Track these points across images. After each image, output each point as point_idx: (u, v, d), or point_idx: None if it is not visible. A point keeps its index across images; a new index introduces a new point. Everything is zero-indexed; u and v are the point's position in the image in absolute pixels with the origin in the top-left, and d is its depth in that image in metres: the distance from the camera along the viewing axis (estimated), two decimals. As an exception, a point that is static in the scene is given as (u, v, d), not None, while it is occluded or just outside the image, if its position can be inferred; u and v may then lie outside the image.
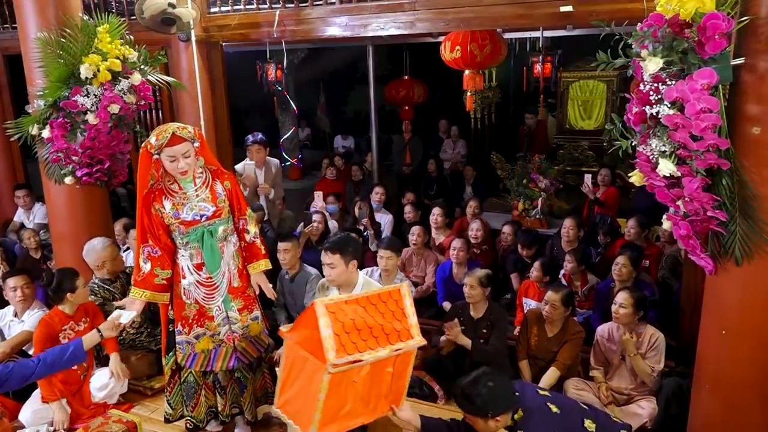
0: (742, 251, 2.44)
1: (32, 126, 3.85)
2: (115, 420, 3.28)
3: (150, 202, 3.06)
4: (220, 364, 3.22)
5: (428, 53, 8.43)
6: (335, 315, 2.39)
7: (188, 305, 3.16)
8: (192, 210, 3.05)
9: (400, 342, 2.55)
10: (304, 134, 13.14)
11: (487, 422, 2.55)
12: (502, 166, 7.54)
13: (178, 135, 2.93)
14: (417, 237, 5.47)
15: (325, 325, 2.35)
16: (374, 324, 2.49)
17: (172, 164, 2.96)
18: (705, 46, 2.24)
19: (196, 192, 3.07)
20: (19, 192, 6.46)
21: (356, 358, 2.40)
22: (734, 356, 2.65)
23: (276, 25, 4.79)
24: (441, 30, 5.15)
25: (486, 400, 2.54)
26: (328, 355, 2.32)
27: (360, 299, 2.51)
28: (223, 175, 3.19)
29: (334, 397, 2.45)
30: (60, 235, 4.25)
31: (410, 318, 2.63)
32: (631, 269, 4.42)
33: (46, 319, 3.61)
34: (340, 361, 2.35)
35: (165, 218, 3.06)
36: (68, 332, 3.62)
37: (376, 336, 2.49)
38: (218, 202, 3.11)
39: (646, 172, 2.54)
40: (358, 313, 2.46)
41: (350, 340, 2.41)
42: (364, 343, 2.45)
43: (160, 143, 2.91)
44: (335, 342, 2.35)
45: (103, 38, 3.70)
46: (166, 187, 3.07)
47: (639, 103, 2.45)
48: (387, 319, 2.54)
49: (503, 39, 6.22)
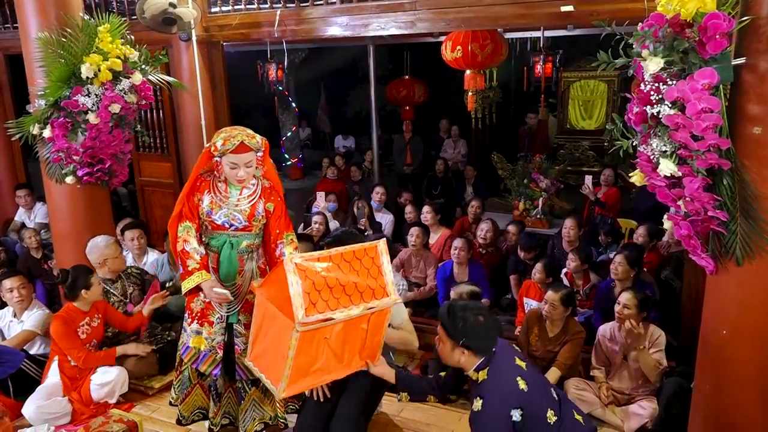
0: (743, 251, 2.43)
1: (33, 125, 3.85)
2: (116, 419, 3.28)
3: (195, 189, 2.99)
4: (205, 367, 3.14)
5: (429, 53, 8.44)
6: (305, 273, 2.34)
7: (197, 299, 3.11)
8: (225, 216, 2.98)
9: (374, 300, 2.51)
10: (304, 134, 13.14)
11: (454, 349, 2.47)
12: (503, 165, 7.55)
13: (245, 144, 2.84)
14: (416, 238, 5.46)
15: (294, 283, 2.30)
16: (347, 282, 2.44)
17: (232, 171, 2.88)
18: (706, 45, 2.23)
19: (237, 201, 2.99)
20: (20, 191, 6.47)
21: (327, 317, 2.36)
22: (735, 356, 2.65)
23: (277, 25, 4.79)
24: (441, 30, 5.15)
25: (466, 327, 2.44)
26: (297, 313, 2.28)
27: (334, 256, 2.45)
28: (270, 196, 3.07)
29: (305, 354, 2.41)
30: (61, 235, 4.25)
31: (386, 275, 2.58)
32: (628, 268, 4.42)
33: (62, 315, 3.62)
34: (310, 320, 2.31)
35: (199, 210, 3.00)
36: (85, 327, 3.66)
37: (349, 294, 2.44)
38: (253, 221, 3.02)
39: (647, 172, 2.54)
40: (330, 271, 2.40)
41: (321, 298, 2.36)
42: (336, 300, 2.40)
43: (226, 149, 2.82)
44: (304, 300, 2.31)
45: (104, 38, 3.70)
46: (214, 183, 3.00)
47: (640, 103, 2.45)
48: (362, 277, 2.49)
49: (504, 39, 6.22)
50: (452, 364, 2.53)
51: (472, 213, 6.25)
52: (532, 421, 2.37)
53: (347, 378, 3.00)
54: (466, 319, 2.45)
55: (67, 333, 3.56)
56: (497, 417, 2.34)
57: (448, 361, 2.53)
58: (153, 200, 6.18)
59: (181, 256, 2.96)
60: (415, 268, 5.57)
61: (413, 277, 5.56)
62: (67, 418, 3.56)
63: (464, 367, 2.50)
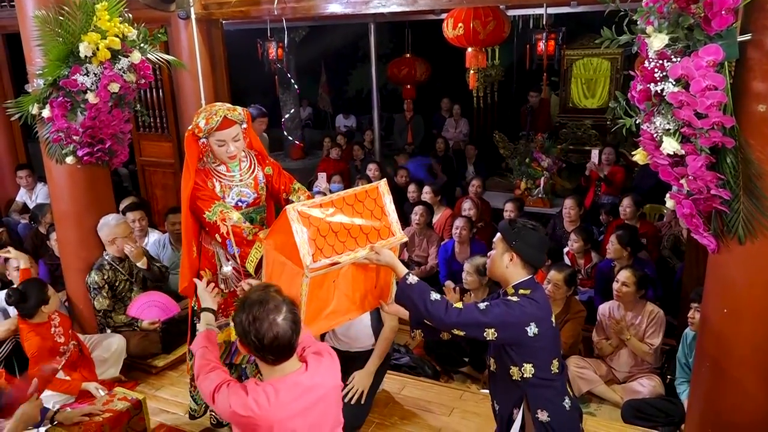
0: (746, 230, 2.43)
1: (32, 105, 3.82)
2: (120, 397, 3.31)
3: (204, 176, 2.90)
4: (240, 358, 3.11)
5: (431, 31, 8.34)
6: (309, 220, 2.35)
7: (216, 293, 2.99)
8: (237, 195, 2.95)
9: (380, 240, 2.52)
10: (305, 113, 13.08)
11: (504, 254, 2.41)
12: (505, 145, 7.52)
13: (229, 118, 2.78)
14: (420, 216, 5.47)
15: (299, 231, 2.30)
16: (351, 225, 2.45)
17: (221, 149, 2.82)
18: (711, 21, 2.20)
19: (240, 176, 2.96)
20: (20, 172, 6.46)
21: (334, 261, 2.37)
22: (735, 335, 2.66)
23: (276, 2, 4.72)
24: (443, 7, 5.08)
25: (521, 232, 2.39)
26: (305, 260, 2.29)
27: (336, 201, 2.46)
28: (265, 161, 3.06)
29: (316, 299, 2.43)
30: (62, 215, 4.25)
31: (390, 215, 2.59)
32: (620, 248, 4.44)
33: (32, 337, 3.48)
34: (317, 265, 2.33)
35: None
36: (56, 330, 3.59)
37: (354, 236, 2.45)
38: (259, 189, 3.01)
39: (650, 151, 2.52)
40: (334, 215, 2.41)
41: (327, 243, 2.37)
42: (342, 244, 2.41)
43: (210, 127, 2.76)
44: (310, 246, 2.31)
45: (102, 16, 3.65)
46: (213, 169, 2.93)
47: (643, 81, 2.42)
48: (366, 219, 2.50)
49: (506, 16, 6.14)
50: (497, 274, 2.46)
51: (473, 192, 6.25)
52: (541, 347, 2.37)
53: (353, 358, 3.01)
54: (524, 226, 2.43)
55: (43, 353, 3.44)
56: (518, 314, 2.32)
57: (494, 271, 2.48)
58: (154, 180, 6.17)
59: (233, 235, 2.73)
60: (417, 247, 5.59)
61: (415, 256, 5.57)
62: (69, 397, 3.59)
63: (507, 278, 2.43)
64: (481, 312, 2.32)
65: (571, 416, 2.47)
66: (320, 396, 1.97)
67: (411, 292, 2.38)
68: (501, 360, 2.44)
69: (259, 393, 1.87)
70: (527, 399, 2.40)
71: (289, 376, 1.92)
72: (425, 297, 2.35)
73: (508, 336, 2.33)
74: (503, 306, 2.33)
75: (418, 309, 2.37)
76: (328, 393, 2.01)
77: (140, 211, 5.04)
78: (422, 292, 2.36)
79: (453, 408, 3.58)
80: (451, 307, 2.34)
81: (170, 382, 3.98)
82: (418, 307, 2.36)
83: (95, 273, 4.01)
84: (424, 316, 2.39)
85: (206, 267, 3.08)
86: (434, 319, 2.36)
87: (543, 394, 2.40)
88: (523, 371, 2.37)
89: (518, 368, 2.38)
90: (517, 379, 2.39)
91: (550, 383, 2.40)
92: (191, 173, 2.90)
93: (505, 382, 2.45)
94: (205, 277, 3.03)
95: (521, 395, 2.41)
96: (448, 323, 2.33)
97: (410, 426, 3.45)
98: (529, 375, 2.37)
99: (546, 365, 2.39)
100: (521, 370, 2.37)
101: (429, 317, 2.37)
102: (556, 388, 2.43)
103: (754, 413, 2.70)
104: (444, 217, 5.91)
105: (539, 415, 2.38)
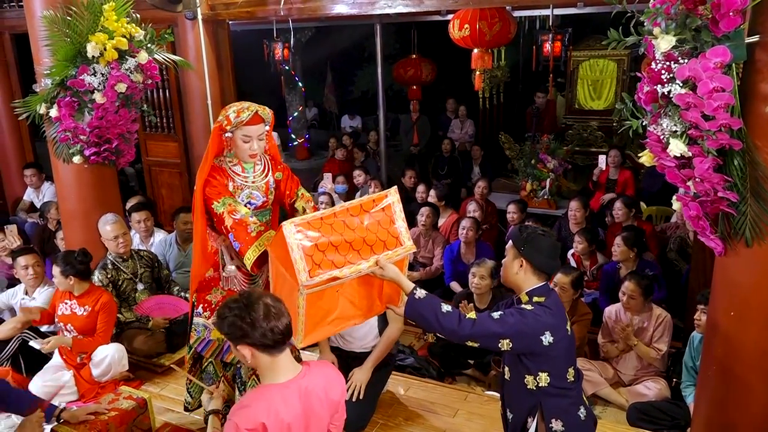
0: (753, 232, 2.41)
1: (40, 105, 3.84)
2: (125, 396, 3.33)
3: (220, 173, 2.87)
4: (231, 357, 3.09)
5: (437, 32, 8.35)
6: (306, 235, 2.28)
7: (215, 290, 3.04)
8: (247, 197, 2.93)
9: (387, 251, 2.44)
10: (311, 114, 13.09)
11: (514, 260, 2.39)
12: (511, 146, 7.50)
13: (259, 115, 2.79)
14: (426, 217, 5.47)
15: (294, 247, 2.25)
16: (354, 238, 2.37)
17: (245, 145, 2.80)
18: (719, 23, 2.19)
19: (254, 179, 2.95)
20: (28, 171, 6.50)
21: (333, 276, 2.31)
22: (742, 338, 2.64)
23: (283, 3, 4.74)
24: (449, 7, 5.07)
25: (529, 238, 2.36)
26: (300, 277, 2.24)
27: (338, 213, 2.39)
28: (277, 165, 3.05)
29: (316, 309, 2.39)
30: (69, 215, 4.28)
31: (398, 223, 2.51)
32: (627, 249, 4.44)
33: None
34: (314, 282, 2.27)
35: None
36: (64, 307, 3.69)
37: (357, 249, 2.37)
38: (268, 194, 3.00)
39: (657, 153, 2.51)
40: (335, 229, 2.34)
41: (326, 258, 2.30)
42: (343, 258, 2.34)
43: (240, 120, 2.74)
44: (306, 263, 2.26)
45: (109, 16, 3.67)
46: (229, 168, 2.91)
47: (650, 82, 2.41)
48: (371, 230, 2.42)
49: (512, 17, 6.13)
50: (510, 281, 2.44)
51: (479, 193, 6.24)
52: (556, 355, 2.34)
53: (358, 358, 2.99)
54: (533, 231, 2.40)
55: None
56: (533, 323, 2.28)
57: (507, 278, 2.45)
58: (160, 180, 6.20)
59: (236, 229, 2.72)
60: (423, 248, 5.58)
61: (421, 257, 5.57)
62: (74, 395, 3.61)
63: (520, 285, 2.41)
64: (495, 322, 2.28)
65: (586, 426, 2.44)
66: (316, 402, 1.99)
67: (420, 308, 2.33)
68: (516, 369, 2.41)
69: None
70: (542, 408, 2.37)
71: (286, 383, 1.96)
72: (436, 310, 2.30)
73: (522, 346, 2.30)
74: (518, 315, 2.29)
75: (430, 324, 2.32)
76: (322, 401, 2.03)
77: (146, 212, 5.04)
78: (432, 306, 2.31)
79: (457, 409, 3.58)
80: (464, 318, 2.29)
81: (175, 381, 3.99)
82: (429, 322, 2.32)
83: (98, 272, 4.02)
84: (437, 330, 2.35)
85: (210, 265, 3.07)
86: (446, 332, 2.31)
87: (558, 403, 2.37)
88: (538, 380, 2.35)
89: (533, 377, 2.35)
90: (532, 388, 2.36)
91: (565, 392, 2.38)
92: (207, 166, 2.89)
93: (519, 390, 2.42)
94: (208, 275, 3.04)
95: (536, 404, 2.39)
96: (462, 335, 2.28)
97: (414, 427, 3.45)
98: (545, 384, 2.34)
99: (561, 374, 2.37)
100: (536, 379, 2.35)
101: (441, 331, 2.32)
102: (572, 397, 2.41)
103: (761, 417, 2.68)
104: (450, 221, 5.90)
105: (553, 424, 2.36)
